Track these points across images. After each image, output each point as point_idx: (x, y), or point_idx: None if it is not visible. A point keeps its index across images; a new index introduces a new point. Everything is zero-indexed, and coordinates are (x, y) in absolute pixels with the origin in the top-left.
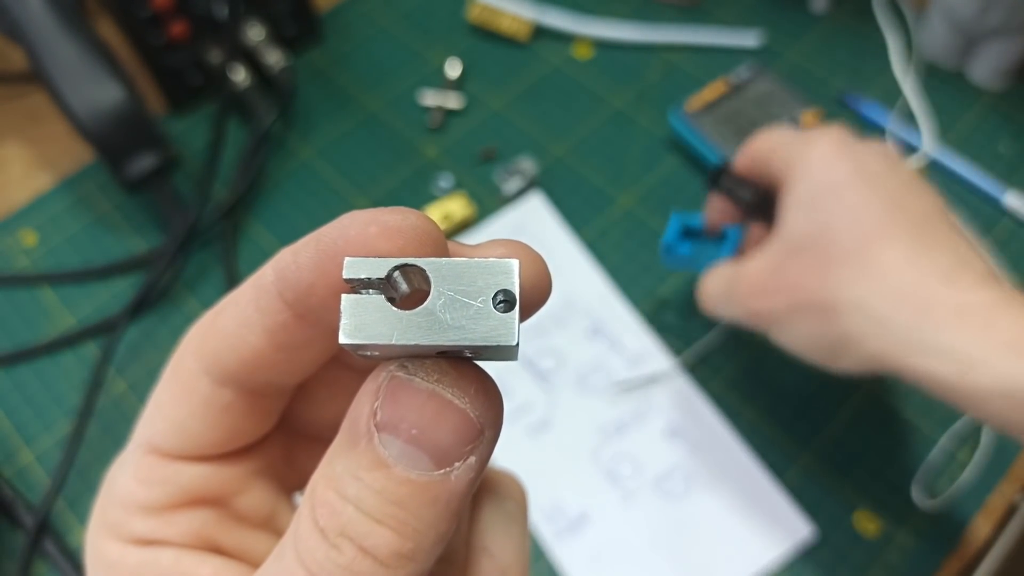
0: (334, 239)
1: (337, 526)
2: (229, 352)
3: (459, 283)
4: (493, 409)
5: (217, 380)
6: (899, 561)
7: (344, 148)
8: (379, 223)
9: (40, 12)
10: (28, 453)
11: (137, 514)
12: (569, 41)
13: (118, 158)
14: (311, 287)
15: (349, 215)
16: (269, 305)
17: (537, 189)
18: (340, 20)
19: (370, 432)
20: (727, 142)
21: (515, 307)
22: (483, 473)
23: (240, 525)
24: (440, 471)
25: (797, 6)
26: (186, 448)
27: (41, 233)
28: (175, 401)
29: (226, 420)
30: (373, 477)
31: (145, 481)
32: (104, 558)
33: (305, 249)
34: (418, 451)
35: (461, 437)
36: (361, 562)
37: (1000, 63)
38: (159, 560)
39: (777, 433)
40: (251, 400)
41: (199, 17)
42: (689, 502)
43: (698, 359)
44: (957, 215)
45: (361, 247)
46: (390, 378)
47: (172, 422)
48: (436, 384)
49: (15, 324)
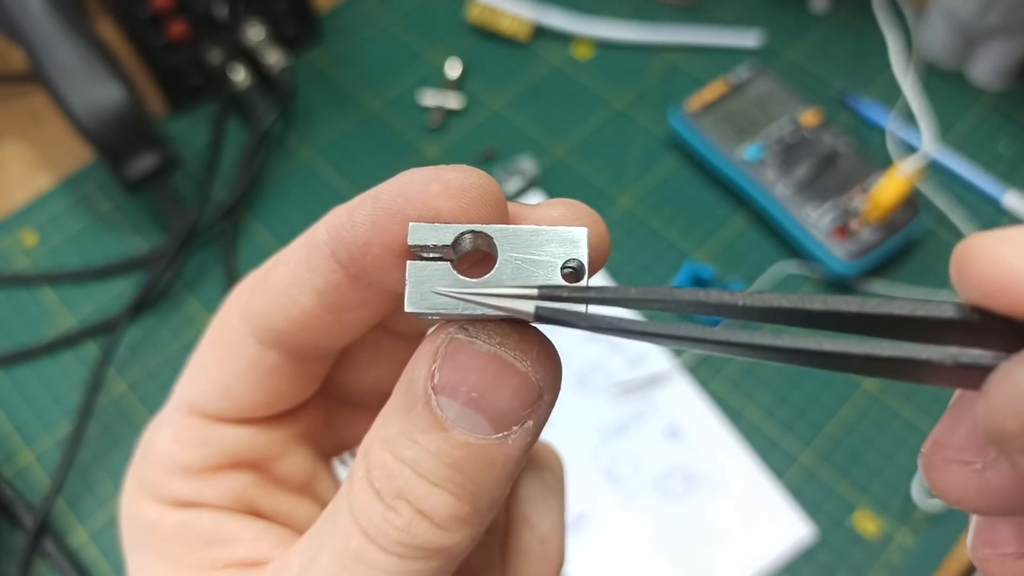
0: (393, 197)
1: (394, 488)
2: (278, 311)
3: (527, 250)
4: (553, 373)
5: (264, 341)
6: (899, 561)
7: (344, 148)
8: (441, 181)
9: (40, 12)
10: (28, 453)
11: (176, 475)
12: (569, 41)
13: (118, 158)
14: (367, 246)
15: (408, 172)
16: (321, 264)
17: (537, 189)
18: (340, 20)
19: (427, 395)
20: (727, 142)
21: (583, 276)
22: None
23: (279, 489)
24: (498, 435)
25: (797, 6)
26: (229, 410)
27: (41, 233)
28: (219, 362)
29: (270, 383)
30: (430, 440)
31: (186, 442)
32: (141, 520)
33: (362, 207)
34: (477, 414)
35: (521, 401)
36: (418, 524)
37: (1000, 63)
38: (199, 522)
39: (777, 433)
40: (296, 363)
41: (199, 17)
42: (689, 502)
43: (698, 359)
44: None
45: (422, 206)
46: (449, 340)
47: (215, 383)
48: (498, 347)
49: (15, 324)
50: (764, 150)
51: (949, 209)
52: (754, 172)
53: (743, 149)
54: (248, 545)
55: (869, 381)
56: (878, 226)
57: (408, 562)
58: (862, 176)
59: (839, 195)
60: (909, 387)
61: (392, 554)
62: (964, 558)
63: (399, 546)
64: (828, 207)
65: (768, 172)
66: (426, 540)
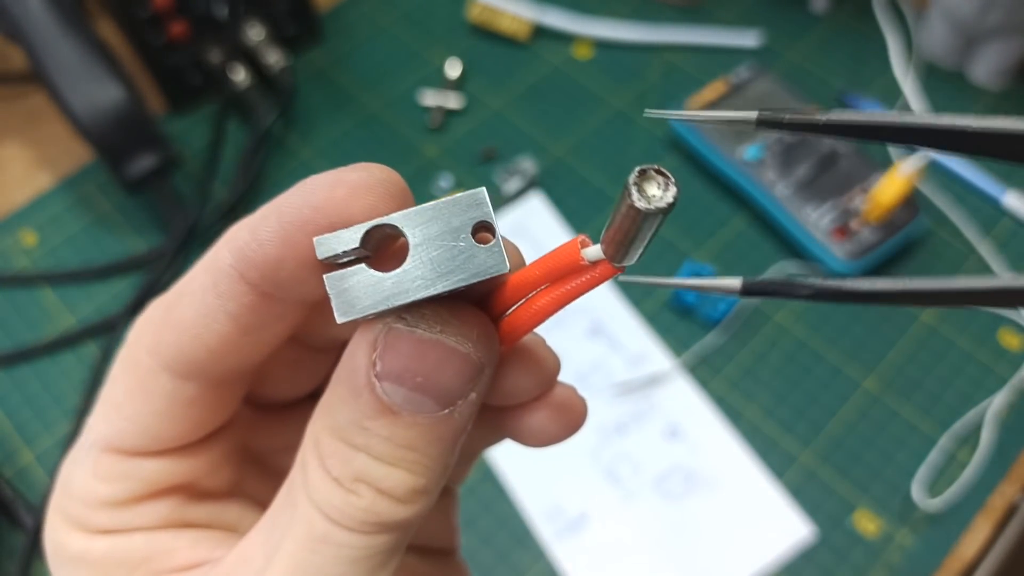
0: (299, 208)
1: (351, 473)
2: (192, 343)
3: (434, 227)
4: (492, 347)
5: (179, 375)
6: (899, 561)
7: (344, 148)
8: (345, 183)
9: (40, 12)
10: (28, 453)
11: (100, 509)
12: (569, 41)
13: (118, 158)
14: (279, 263)
15: (309, 180)
16: (231, 288)
17: (537, 189)
18: (340, 20)
19: (371, 383)
20: (727, 142)
21: (496, 234)
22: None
23: (207, 500)
24: (444, 411)
25: (797, 6)
26: (148, 445)
27: (41, 233)
28: (133, 399)
29: (190, 414)
30: (379, 424)
31: (105, 478)
32: (67, 550)
33: (265, 223)
34: (423, 396)
35: (464, 377)
36: (380, 503)
37: (1000, 63)
38: (131, 543)
39: (777, 433)
40: (214, 390)
41: (199, 17)
42: (689, 502)
43: (698, 359)
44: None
45: (331, 212)
46: (388, 330)
47: (132, 421)
48: (440, 334)
49: (15, 324)
50: (764, 150)
51: (949, 209)
52: (754, 172)
53: (743, 149)
54: (185, 552)
55: (869, 380)
56: (878, 226)
57: (374, 537)
58: (862, 176)
59: (839, 195)
60: (909, 387)
61: (358, 532)
62: (964, 558)
63: (364, 524)
64: (828, 207)
65: (768, 172)
66: (390, 516)
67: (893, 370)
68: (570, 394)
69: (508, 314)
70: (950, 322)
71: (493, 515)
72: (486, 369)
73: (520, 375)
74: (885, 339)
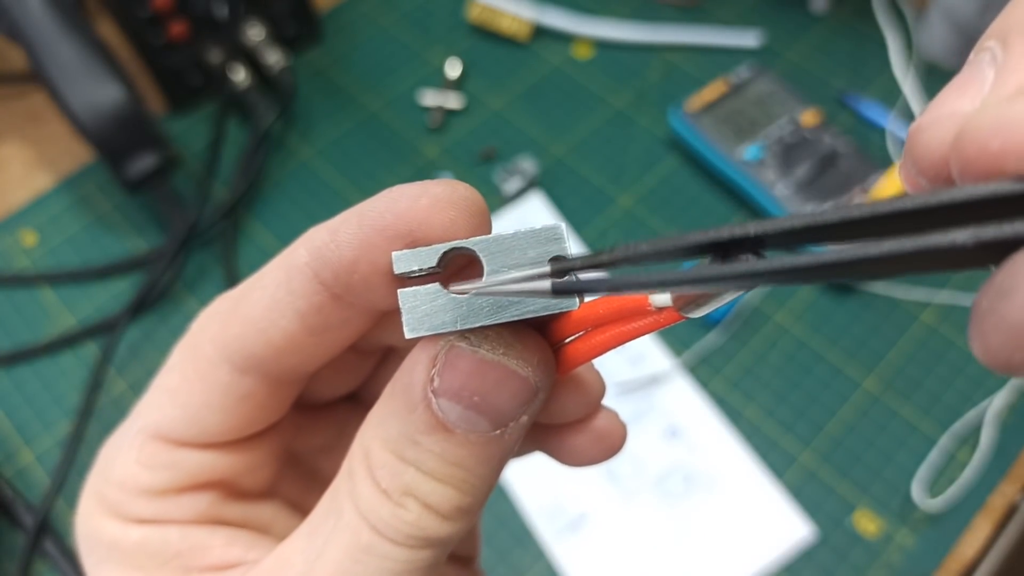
0: (380, 213)
1: (400, 486)
2: (257, 338)
3: (510, 257)
4: (549, 373)
5: (239, 368)
6: (899, 561)
7: (344, 148)
8: (430, 195)
9: (40, 12)
10: (28, 453)
11: (139, 496)
12: (569, 41)
13: (118, 158)
14: (353, 265)
15: (395, 188)
16: (303, 286)
17: (537, 189)
18: (340, 20)
19: (427, 398)
20: (727, 142)
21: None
22: None
23: (244, 499)
24: (496, 431)
25: (797, 6)
26: (197, 436)
27: (41, 233)
28: (189, 389)
29: (243, 410)
30: (432, 440)
31: (149, 466)
32: (102, 536)
33: (346, 226)
34: (478, 415)
35: (520, 401)
36: (427, 518)
37: None
38: (166, 535)
39: (777, 433)
40: (272, 388)
41: (199, 17)
42: (689, 502)
43: (698, 359)
44: None
45: (412, 220)
46: (449, 347)
47: (184, 410)
48: (502, 357)
49: (15, 324)
50: (764, 150)
51: None
52: (754, 172)
53: (743, 149)
54: (220, 551)
55: (869, 380)
56: None
57: (417, 551)
58: (862, 176)
59: (839, 195)
60: (909, 387)
61: (403, 546)
62: (964, 558)
63: (409, 539)
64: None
65: (768, 172)
66: (434, 531)
67: (893, 370)
68: (612, 419)
69: (567, 343)
70: (950, 322)
71: (493, 514)
72: (540, 394)
73: (568, 397)
74: (885, 339)
